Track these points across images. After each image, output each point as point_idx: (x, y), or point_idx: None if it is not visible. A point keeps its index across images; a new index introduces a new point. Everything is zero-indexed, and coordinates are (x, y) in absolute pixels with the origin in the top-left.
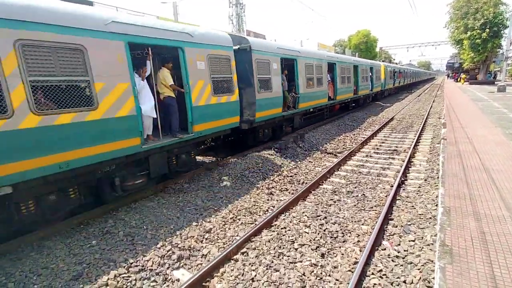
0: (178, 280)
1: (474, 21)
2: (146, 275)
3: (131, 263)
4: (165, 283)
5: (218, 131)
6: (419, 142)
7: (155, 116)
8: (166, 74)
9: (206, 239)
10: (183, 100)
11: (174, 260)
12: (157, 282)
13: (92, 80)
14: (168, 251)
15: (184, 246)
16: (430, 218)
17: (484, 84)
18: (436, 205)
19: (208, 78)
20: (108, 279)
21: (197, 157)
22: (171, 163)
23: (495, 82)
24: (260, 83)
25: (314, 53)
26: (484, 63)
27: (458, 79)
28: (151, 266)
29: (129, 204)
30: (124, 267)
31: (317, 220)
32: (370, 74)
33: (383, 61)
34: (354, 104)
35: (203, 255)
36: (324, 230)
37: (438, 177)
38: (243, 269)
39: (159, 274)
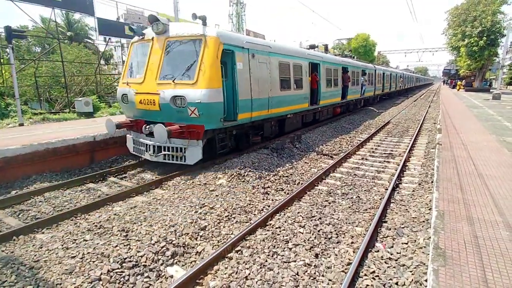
0: (171, 276)
1: (472, 28)
2: (140, 270)
3: (125, 259)
4: (158, 279)
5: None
6: (414, 146)
7: None
8: None
9: (201, 236)
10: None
11: (168, 256)
12: (150, 278)
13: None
14: (162, 247)
15: (178, 243)
16: (423, 221)
17: (480, 92)
18: (430, 209)
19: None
20: (102, 274)
21: None
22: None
23: (491, 90)
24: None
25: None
26: (480, 70)
27: (455, 86)
28: (145, 262)
29: (124, 199)
30: (118, 262)
31: (311, 220)
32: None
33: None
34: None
35: (197, 252)
36: (319, 231)
37: (432, 182)
38: (237, 267)
39: (153, 270)
